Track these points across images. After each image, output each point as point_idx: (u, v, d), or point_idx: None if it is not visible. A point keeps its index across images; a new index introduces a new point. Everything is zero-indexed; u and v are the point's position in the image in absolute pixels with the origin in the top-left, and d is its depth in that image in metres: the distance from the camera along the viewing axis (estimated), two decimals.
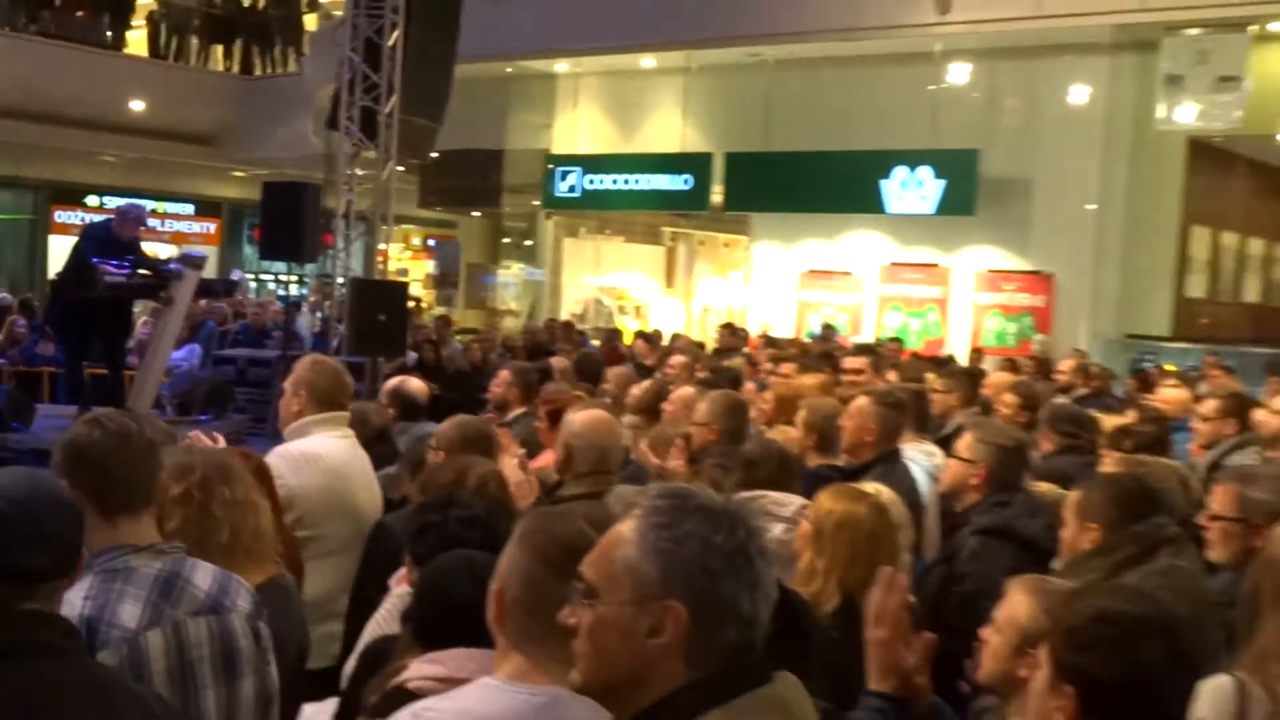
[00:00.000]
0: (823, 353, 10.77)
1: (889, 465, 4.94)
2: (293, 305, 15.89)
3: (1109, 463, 5.07)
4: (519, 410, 6.42)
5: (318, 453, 4.03)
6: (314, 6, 22.89)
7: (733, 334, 13.91)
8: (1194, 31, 14.10)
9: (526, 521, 2.27)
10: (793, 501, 3.81)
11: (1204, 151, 15.62)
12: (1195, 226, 16.07)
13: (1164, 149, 15.29)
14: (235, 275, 21.16)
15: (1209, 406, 6.26)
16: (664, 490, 1.76)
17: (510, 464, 4.53)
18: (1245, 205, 16.86)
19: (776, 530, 3.82)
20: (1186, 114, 14.33)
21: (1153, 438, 5.94)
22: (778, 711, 1.60)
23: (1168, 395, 7.70)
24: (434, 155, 16.42)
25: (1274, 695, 2.50)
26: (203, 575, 2.46)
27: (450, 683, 2.16)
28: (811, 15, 15.80)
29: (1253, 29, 13.82)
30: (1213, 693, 2.51)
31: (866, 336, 15.67)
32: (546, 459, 5.18)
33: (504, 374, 6.95)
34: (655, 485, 2.10)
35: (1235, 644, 2.94)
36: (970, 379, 8.28)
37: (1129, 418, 6.72)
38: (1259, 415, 6.45)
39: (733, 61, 17.56)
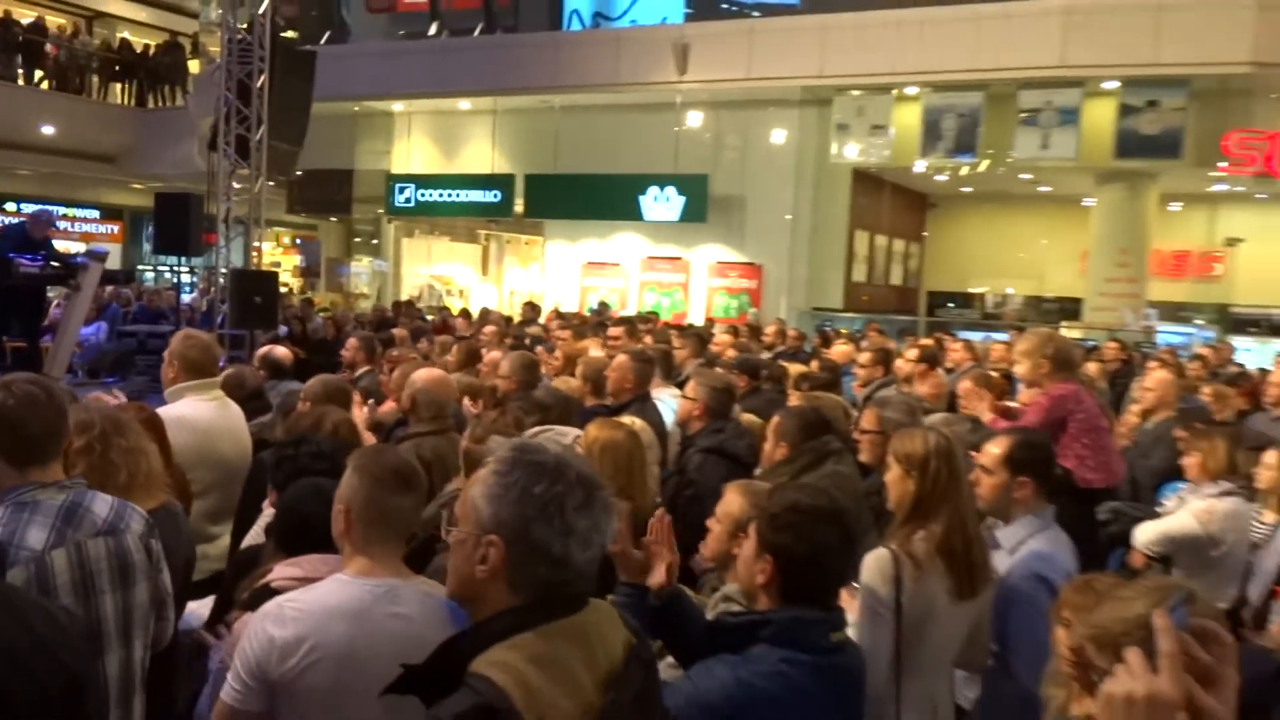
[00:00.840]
0: (597, 323, 10.83)
1: (643, 404, 5.00)
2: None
3: (795, 398, 5.28)
4: (365, 369, 6.24)
5: (185, 415, 3.80)
6: (196, 53, 21.67)
7: (532, 310, 13.81)
8: (856, 93, 14.71)
9: (358, 455, 2.20)
10: (572, 432, 3.81)
11: (863, 178, 16.26)
12: (858, 231, 16.69)
13: (837, 176, 15.82)
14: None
15: (865, 357, 6.56)
16: (516, 444, 1.68)
17: (359, 413, 4.40)
18: (891, 216, 17.67)
19: None
20: (852, 151, 14.95)
21: (827, 380, 6.18)
22: (577, 638, 1.53)
23: (838, 350, 8.04)
24: (298, 173, 15.68)
25: (915, 559, 2.58)
26: (101, 504, 2.31)
27: (307, 581, 2.10)
28: (585, 73, 15.89)
29: (895, 92, 14.49)
30: (875, 561, 2.59)
31: (631, 311, 15.81)
32: (389, 406, 5.07)
33: (352, 341, 6.75)
34: (517, 439, 2.02)
35: (881, 524, 3.09)
36: (700, 340, 8.44)
37: (813, 367, 6.99)
38: (898, 363, 6.81)
39: (529, 106, 17.32)
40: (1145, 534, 4.30)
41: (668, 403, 5.39)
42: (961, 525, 2.58)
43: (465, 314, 13.12)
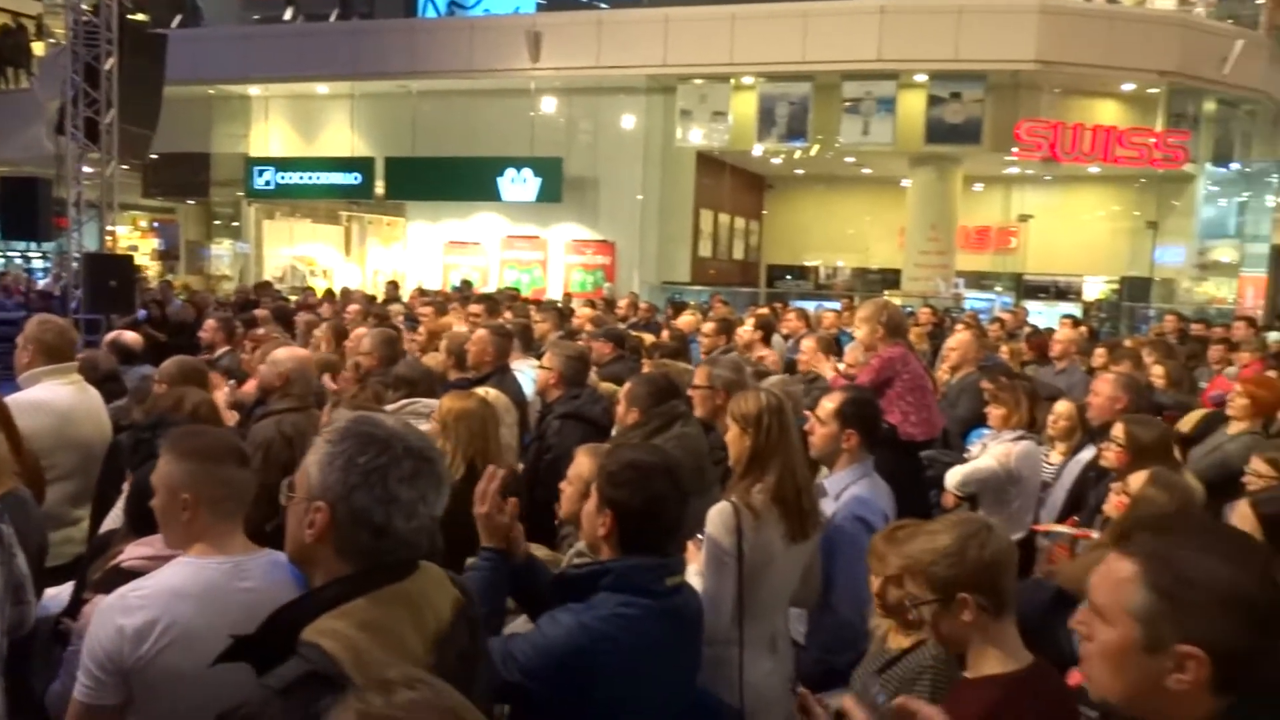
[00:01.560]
0: (461, 298, 10.62)
1: (502, 375, 4.96)
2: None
3: (647, 366, 5.32)
4: (224, 349, 5.94)
5: (44, 399, 3.55)
6: (40, 35, 19.88)
7: (395, 289, 13.46)
8: (698, 81, 14.86)
9: (176, 440, 2.06)
10: (435, 404, 3.75)
11: (706, 161, 16.46)
12: (703, 209, 16.91)
13: (682, 159, 15.95)
14: None
15: (708, 327, 6.67)
16: (355, 416, 1.64)
17: (220, 395, 4.19)
18: (732, 196, 17.95)
19: (424, 426, 3.76)
20: (695, 136, 15.11)
21: (675, 349, 6.27)
22: (406, 603, 1.51)
23: (684, 320, 8.14)
24: (153, 156, 14.73)
25: (754, 509, 2.65)
26: None
27: (158, 560, 1.98)
28: (441, 59, 15.49)
29: (732, 81, 14.73)
30: (718, 514, 2.66)
31: (492, 288, 15.60)
32: (251, 386, 4.84)
33: (210, 322, 6.42)
34: (361, 412, 1.94)
35: (726, 479, 3.16)
36: (560, 314, 8.42)
37: (664, 336, 7.07)
38: (739, 332, 6.96)
39: (386, 90, 16.74)
40: (954, 477, 4.55)
41: (527, 373, 5.35)
42: (792, 474, 2.68)
43: (330, 294, 12.64)
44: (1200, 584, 1.25)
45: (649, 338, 6.63)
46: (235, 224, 20.43)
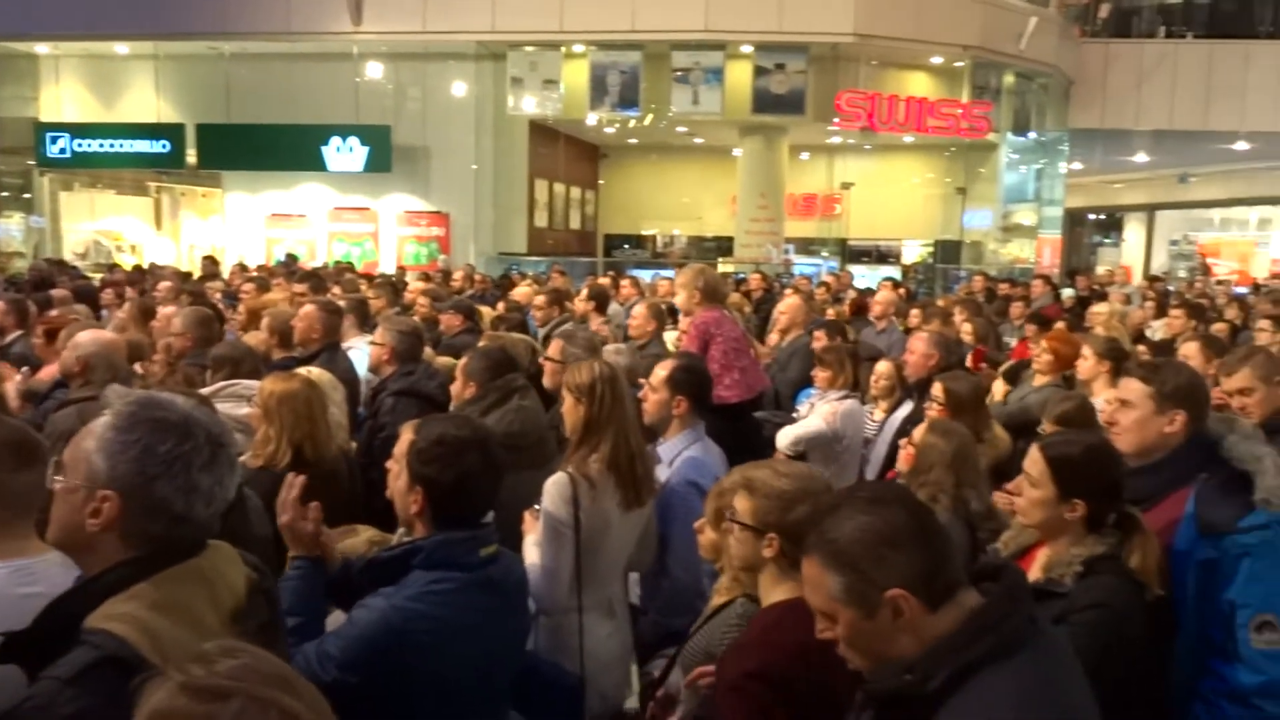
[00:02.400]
0: (287, 273, 10.13)
1: (331, 353, 4.76)
2: None
3: (485, 339, 5.23)
4: (16, 334, 5.42)
5: None
6: None
7: (213, 264, 12.68)
8: (529, 49, 14.64)
9: None
10: (258, 385, 3.55)
11: (540, 130, 16.30)
12: (538, 179, 16.79)
13: (515, 127, 15.73)
14: None
15: (541, 299, 6.63)
16: (137, 398, 1.54)
17: (10, 386, 3.83)
18: (567, 165, 17.89)
19: (245, 409, 3.56)
20: (528, 104, 14.91)
21: (516, 321, 6.21)
22: (198, 580, 1.46)
23: (519, 292, 8.06)
24: None
25: (590, 479, 2.65)
26: None
27: None
28: (253, 19, 14.57)
29: (563, 49, 14.59)
30: (554, 485, 2.66)
31: (321, 262, 14.96)
32: (50, 372, 4.44)
33: None
34: (136, 391, 1.79)
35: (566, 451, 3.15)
36: (394, 288, 8.17)
37: (500, 308, 6.97)
38: (575, 303, 6.96)
39: (195, 52, 15.63)
40: (784, 437, 4.71)
41: (363, 350, 5.17)
42: (626, 442, 2.70)
43: (139, 271, 11.75)
44: (864, 541, 1.43)
45: (488, 311, 6.53)
46: (26, 196, 18.65)
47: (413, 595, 1.95)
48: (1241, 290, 14.04)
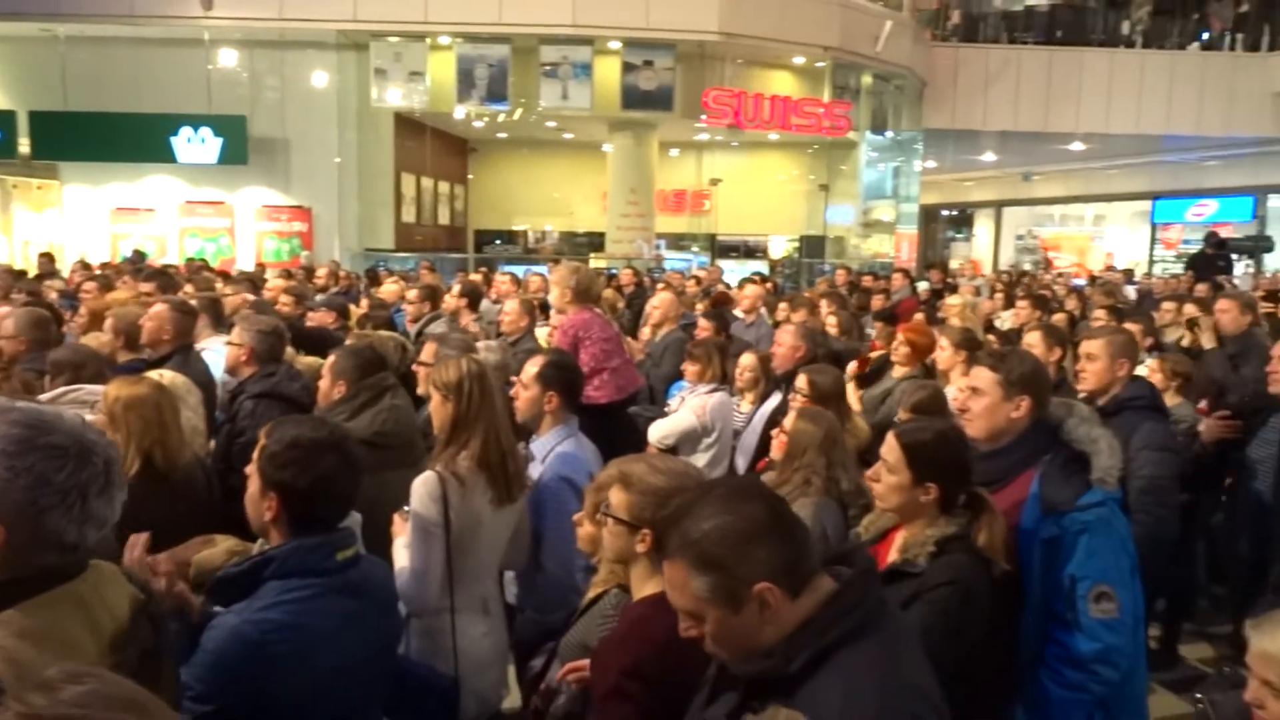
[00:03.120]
0: (134, 271, 9.55)
1: (184, 355, 4.53)
2: None
3: (351, 337, 5.07)
4: None
5: None
6: None
7: (50, 261, 11.86)
8: (393, 39, 14.27)
9: None
10: (103, 391, 3.33)
11: (406, 122, 15.91)
12: (404, 174, 16.37)
13: (380, 120, 15.28)
14: None
15: (413, 294, 6.48)
16: (21, 418, 1.39)
17: None
18: (435, 159, 17.52)
19: (89, 416, 3.34)
20: (393, 96, 14.51)
21: (383, 319, 6.04)
22: (75, 604, 1.37)
23: (388, 289, 7.85)
24: None
25: (459, 477, 2.62)
26: None
27: None
28: (92, 1, 13.64)
29: (430, 40, 14.29)
30: (422, 484, 2.62)
31: (173, 259, 14.19)
32: None
33: None
34: (14, 409, 1.59)
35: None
36: (251, 284, 7.84)
37: (364, 306, 6.78)
38: (446, 299, 6.82)
39: (24, 34, 14.51)
40: (656, 431, 4.77)
41: (219, 351, 4.92)
42: (496, 439, 2.67)
43: None
44: (727, 540, 1.44)
45: (356, 310, 6.33)
46: None
47: (266, 606, 1.87)
48: (1080, 282, 15.02)
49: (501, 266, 12.73)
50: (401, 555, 2.59)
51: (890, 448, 2.35)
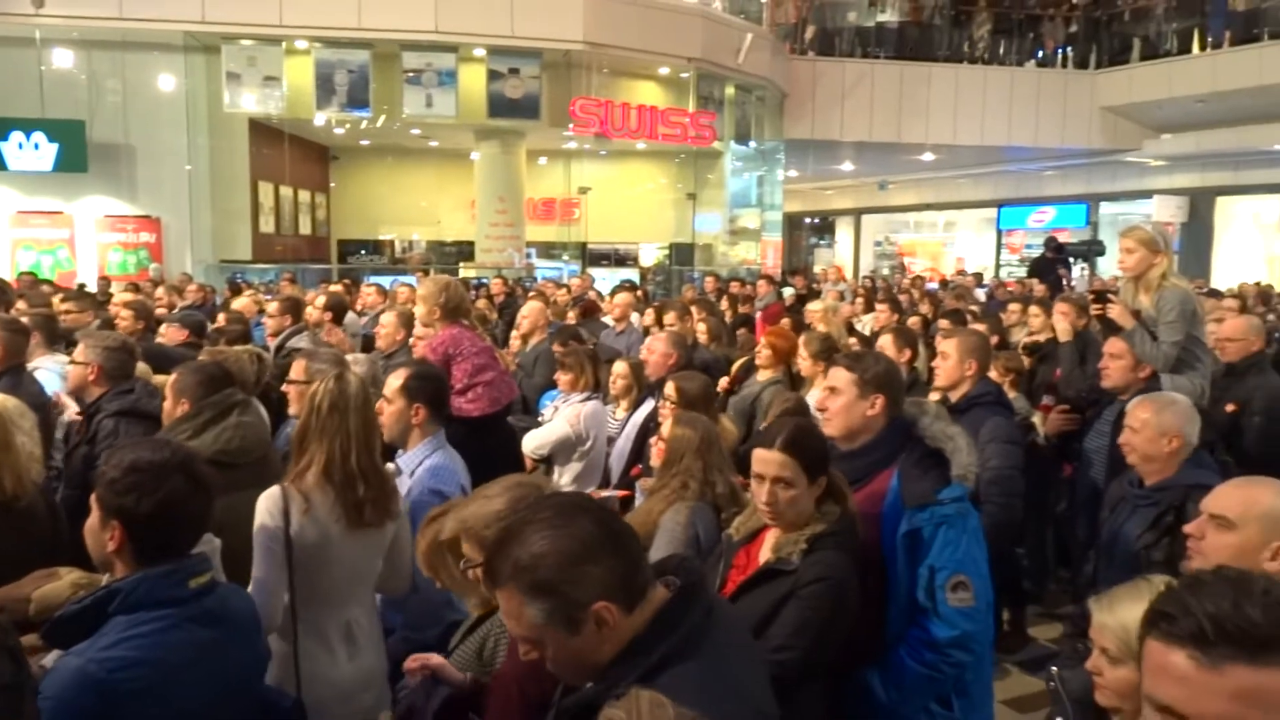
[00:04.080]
0: None
1: (15, 376, 4.23)
2: None
3: (204, 353, 4.83)
4: None
5: None
6: None
7: None
8: (246, 42, 13.72)
9: None
10: None
11: (262, 129, 15.31)
12: (261, 182, 15.75)
13: (234, 126, 14.67)
14: None
15: (273, 307, 6.22)
16: None
17: None
18: (294, 167, 16.87)
19: None
20: (248, 101, 13.96)
21: (238, 333, 5.80)
22: None
23: (243, 302, 7.52)
24: None
25: (304, 492, 2.55)
26: None
27: None
28: None
29: (285, 44, 13.81)
30: (265, 499, 2.54)
31: (3, 272, 13.19)
32: None
33: None
34: None
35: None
36: (92, 300, 7.38)
37: (221, 320, 6.48)
38: (308, 311, 6.60)
39: None
40: (530, 442, 4.74)
41: (55, 370, 4.65)
42: (346, 456, 2.58)
43: None
44: (559, 564, 1.42)
45: (214, 325, 6.02)
46: None
47: (111, 643, 1.76)
48: (933, 286, 15.79)
49: (367, 277, 12.38)
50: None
51: (784, 463, 2.36)
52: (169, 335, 5.73)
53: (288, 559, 2.44)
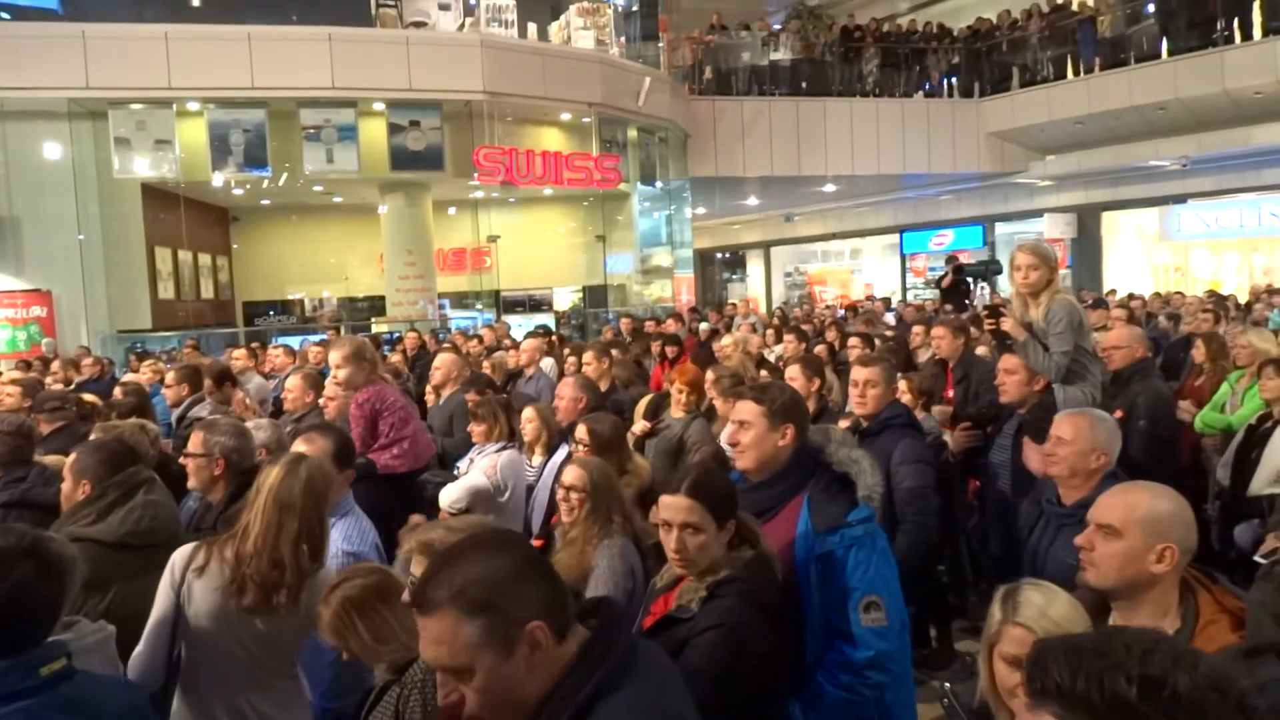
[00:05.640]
0: None
1: None
2: None
3: (96, 431, 4.64)
4: None
5: None
6: None
7: None
8: (135, 106, 13.41)
9: None
10: None
11: (156, 193, 14.92)
12: (158, 247, 15.30)
13: (126, 191, 14.22)
14: None
15: (170, 376, 6.05)
16: None
17: None
18: (192, 230, 16.41)
19: None
20: (140, 166, 13.61)
21: (134, 405, 5.60)
22: None
23: (141, 375, 7.28)
24: None
25: (221, 557, 2.51)
26: None
27: None
28: None
29: (177, 107, 13.53)
30: (178, 556, 2.54)
31: None
32: None
33: None
34: None
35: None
36: None
37: (117, 394, 6.25)
38: (208, 381, 6.37)
39: None
40: (446, 496, 4.68)
41: None
42: (271, 544, 2.54)
43: None
44: (496, 582, 1.44)
45: (90, 398, 5.76)
46: None
47: None
48: (841, 314, 16.17)
49: (276, 339, 12.11)
50: None
51: (691, 508, 2.33)
52: (41, 426, 5.45)
53: (173, 619, 2.39)
